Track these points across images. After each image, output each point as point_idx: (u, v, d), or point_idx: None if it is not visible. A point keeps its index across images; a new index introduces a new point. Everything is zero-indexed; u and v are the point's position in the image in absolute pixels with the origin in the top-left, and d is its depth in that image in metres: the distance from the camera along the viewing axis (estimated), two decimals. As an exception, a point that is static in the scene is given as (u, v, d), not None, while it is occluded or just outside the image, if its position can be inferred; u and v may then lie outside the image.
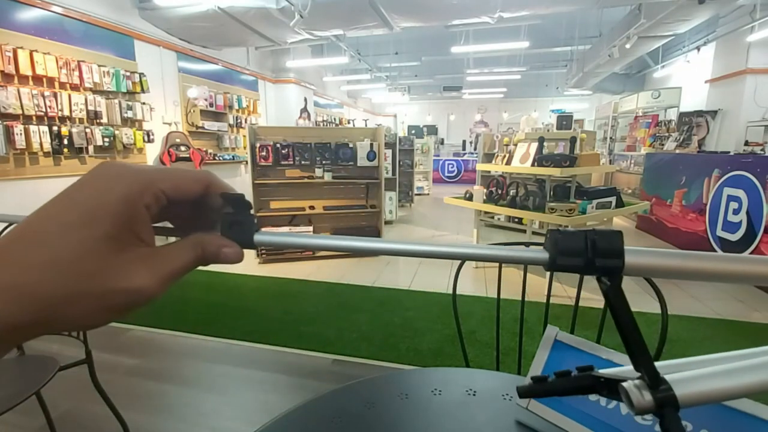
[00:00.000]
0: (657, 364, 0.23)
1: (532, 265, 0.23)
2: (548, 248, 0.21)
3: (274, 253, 3.85)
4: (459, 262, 1.02)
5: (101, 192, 0.21)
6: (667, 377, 0.21)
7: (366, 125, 10.62)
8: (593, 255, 0.21)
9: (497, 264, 1.34)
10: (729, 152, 5.00)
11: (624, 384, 0.22)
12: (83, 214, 0.20)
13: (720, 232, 3.64)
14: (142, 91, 4.61)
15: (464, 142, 13.86)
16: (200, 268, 0.25)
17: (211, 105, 5.79)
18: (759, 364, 0.22)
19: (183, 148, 5.08)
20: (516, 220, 4.91)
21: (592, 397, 0.58)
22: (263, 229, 0.24)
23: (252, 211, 0.24)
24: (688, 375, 0.22)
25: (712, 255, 0.21)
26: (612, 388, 0.23)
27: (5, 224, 1.44)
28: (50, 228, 0.20)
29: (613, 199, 3.27)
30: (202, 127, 5.67)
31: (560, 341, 0.65)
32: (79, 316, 0.20)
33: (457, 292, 1.12)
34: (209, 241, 0.24)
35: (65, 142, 3.76)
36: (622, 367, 0.25)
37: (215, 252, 0.23)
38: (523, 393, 0.25)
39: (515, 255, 0.22)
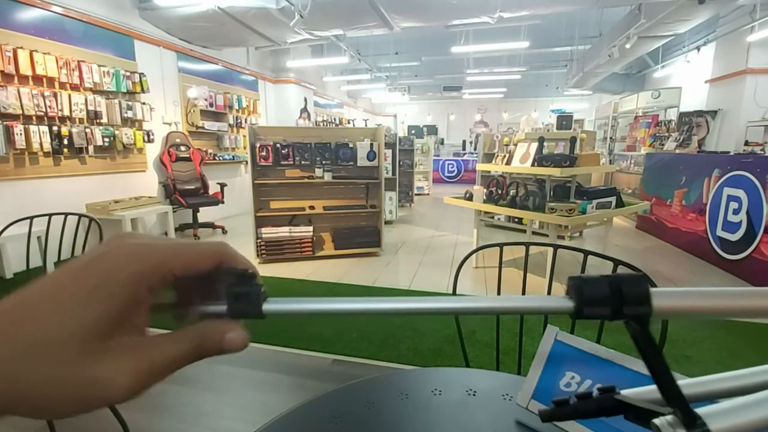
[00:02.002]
0: (681, 383, 0.23)
1: (556, 314, 0.23)
2: (573, 297, 0.21)
3: (274, 252, 3.85)
4: (459, 261, 1.02)
5: (111, 270, 0.19)
6: (700, 411, 0.21)
7: (366, 125, 10.63)
8: (620, 303, 0.20)
9: (497, 264, 1.33)
10: (729, 152, 5.00)
11: (656, 421, 0.21)
12: (88, 291, 0.18)
13: (720, 232, 3.64)
14: (142, 91, 4.61)
15: (464, 142, 13.86)
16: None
17: (211, 105, 5.79)
18: None
19: (183, 148, 5.08)
20: (516, 220, 4.91)
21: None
22: (271, 298, 0.23)
23: (259, 281, 0.24)
24: (722, 408, 0.21)
25: (743, 291, 0.21)
26: (637, 413, 0.23)
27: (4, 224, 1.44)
28: (46, 300, 0.18)
29: (613, 199, 3.27)
30: (202, 127, 5.67)
31: (560, 341, 0.65)
32: (47, 403, 0.18)
33: (457, 292, 1.12)
34: (212, 331, 0.21)
35: (65, 142, 3.76)
36: (643, 388, 0.25)
37: (218, 341, 0.21)
38: (546, 417, 0.25)
39: (538, 306, 0.22)
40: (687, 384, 0.24)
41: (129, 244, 0.20)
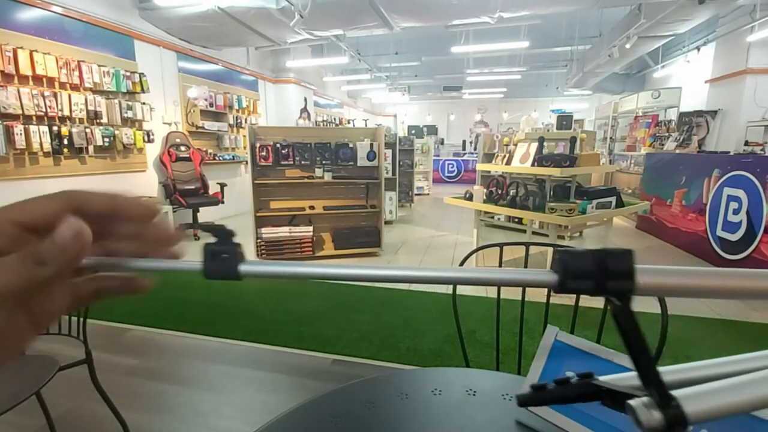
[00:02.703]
0: (662, 369, 0.23)
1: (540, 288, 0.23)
2: (557, 270, 0.21)
3: (274, 252, 3.85)
4: (459, 261, 1.02)
5: None
6: (676, 393, 0.21)
7: (366, 125, 10.63)
8: (604, 277, 0.20)
9: (497, 264, 1.34)
10: (729, 152, 5.00)
11: (632, 402, 0.21)
12: None
13: (720, 232, 3.64)
14: (142, 91, 4.61)
15: (464, 142, 13.86)
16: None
17: (211, 105, 5.79)
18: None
19: (183, 148, 5.08)
20: (516, 220, 4.91)
21: (592, 397, 0.58)
22: (250, 259, 0.23)
23: (236, 240, 0.23)
24: (699, 390, 0.21)
25: (727, 271, 0.21)
26: (614, 398, 0.23)
27: None
28: None
29: (613, 199, 3.27)
30: (202, 127, 5.67)
31: (560, 341, 0.65)
32: None
33: (457, 292, 1.12)
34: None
35: (65, 142, 3.76)
36: (623, 374, 0.25)
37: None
38: (523, 401, 0.25)
39: (523, 278, 0.22)
40: (668, 371, 0.24)
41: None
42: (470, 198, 3.65)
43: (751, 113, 5.93)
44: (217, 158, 6.02)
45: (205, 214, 5.20)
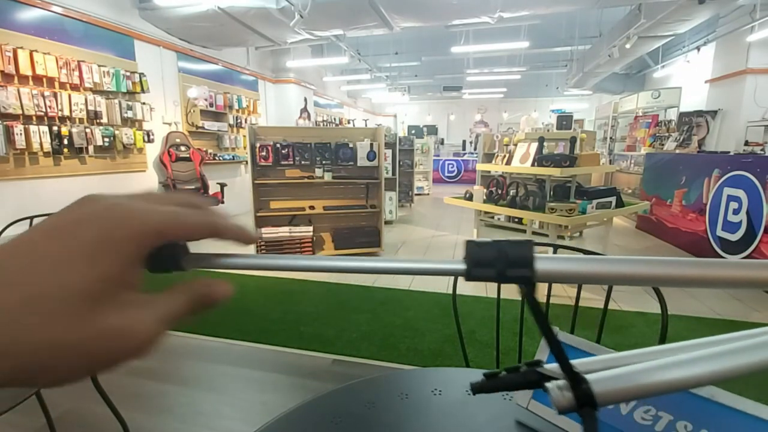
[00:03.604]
0: (585, 360, 0.25)
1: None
2: (466, 259, 0.22)
3: (274, 252, 3.85)
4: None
5: (108, 229, 0.19)
6: (588, 376, 0.23)
7: (366, 125, 10.62)
8: (505, 266, 0.22)
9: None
10: (729, 152, 5.00)
11: (548, 384, 0.23)
12: (83, 249, 0.18)
13: (720, 232, 3.65)
14: (142, 91, 4.61)
15: (464, 142, 13.86)
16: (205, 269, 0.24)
17: (211, 105, 5.79)
18: (680, 361, 0.23)
19: (183, 148, 5.08)
20: (516, 220, 4.91)
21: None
22: (197, 252, 0.24)
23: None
24: (609, 374, 0.23)
25: (620, 259, 0.22)
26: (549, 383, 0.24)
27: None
28: (38, 262, 0.17)
29: (613, 199, 3.28)
30: (202, 127, 5.67)
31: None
32: (57, 366, 0.17)
33: (457, 292, 1.12)
34: (201, 285, 0.23)
35: (65, 142, 3.76)
36: (583, 360, 0.27)
37: (208, 294, 0.23)
38: (476, 389, 0.26)
39: (434, 267, 0.23)
40: (590, 360, 0.26)
41: (122, 204, 0.20)
42: (470, 198, 3.65)
43: (751, 113, 5.93)
44: (217, 158, 6.02)
45: (205, 214, 5.20)
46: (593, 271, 0.22)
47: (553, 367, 0.25)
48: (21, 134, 3.42)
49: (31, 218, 1.42)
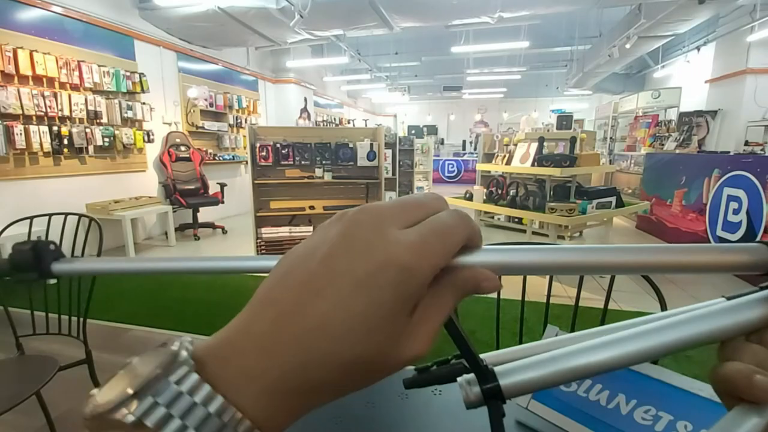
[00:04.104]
0: (495, 353, 0.25)
1: None
2: None
3: (274, 253, 3.84)
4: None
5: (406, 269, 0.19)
6: (496, 369, 0.22)
7: (366, 125, 10.62)
8: None
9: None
10: (729, 152, 5.00)
11: (459, 379, 0.23)
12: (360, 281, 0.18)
13: (720, 232, 3.65)
14: (142, 91, 4.61)
15: (464, 142, 13.86)
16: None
17: (211, 105, 5.79)
18: (589, 347, 0.22)
19: (183, 148, 5.08)
20: (516, 220, 4.91)
21: (592, 397, 0.58)
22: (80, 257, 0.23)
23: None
24: (514, 366, 0.23)
25: (536, 248, 0.21)
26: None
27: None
28: (342, 281, 0.18)
29: (613, 199, 3.28)
30: (202, 127, 5.67)
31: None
32: (351, 384, 0.20)
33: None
34: (465, 277, 0.21)
35: (65, 142, 3.76)
36: (492, 353, 0.27)
37: (474, 285, 0.21)
38: (409, 384, 0.26)
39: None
40: (500, 353, 0.27)
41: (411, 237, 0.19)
42: (470, 198, 3.65)
43: (751, 113, 5.93)
44: (217, 158, 6.02)
45: (205, 214, 5.20)
46: (513, 261, 0.21)
47: (483, 356, 0.25)
48: (21, 134, 3.42)
49: (31, 218, 1.42)
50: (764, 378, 0.19)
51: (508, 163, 3.57)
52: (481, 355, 0.24)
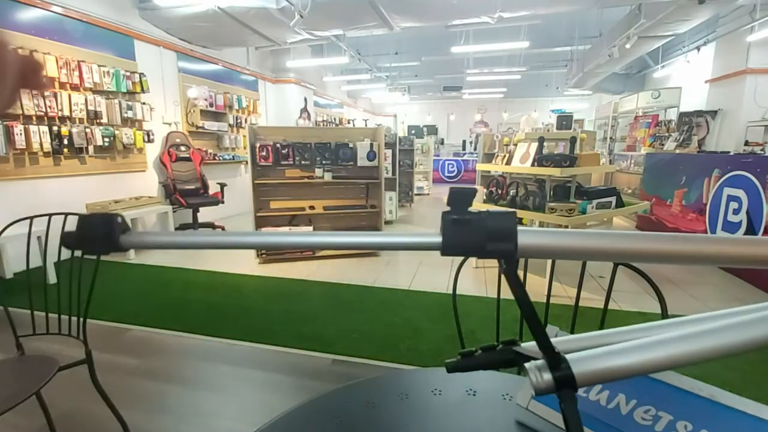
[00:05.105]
0: (566, 338, 0.24)
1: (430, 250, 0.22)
2: (442, 232, 0.20)
3: (274, 252, 3.84)
4: (459, 261, 1.02)
5: None
6: (568, 356, 0.21)
7: (366, 125, 10.62)
8: (485, 238, 0.20)
9: (497, 263, 1.33)
10: (729, 152, 5.00)
11: (527, 365, 0.22)
12: None
13: (720, 232, 3.64)
14: (142, 91, 4.61)
15: (464, 142, 13.86)
16: (200, 267, 0.24)
17: (211, 105, 5.79)
18: (664, 340, 0.21)
19: (183, 148, 5.08)
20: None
21: (593, 397, 0.58)
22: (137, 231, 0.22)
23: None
24: (588, 354, 0.21)
25: (609, 233, 0.21)
26: (527, 362, 0.23)
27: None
28: None
29: (613, 199, 3.27)
30: (202, 127, 5.67)
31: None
32: None
33: (457, 292, 1.12)
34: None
35: (65, 142, 3.76)
36: (565, 338, 0.26)
37: None
38: (452, 368, 0.25)
39: (410, 241, 0.21)
40: (570, 339, 0.25)
41: None
42: (470, 198, 3.64)
43: (751, 113, 5.93)
44: (217, 158, 6.02)
45: (205, 214, 5.20)
46: (581, 245, 0.20)
47: (530, 345, 0.24)
48: (21, 134, 3.42)
49: (31, 218, 1.42)
50: None
51: (508, 163, 3.56)
52: (553, 341, 0.23)
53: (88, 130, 3.96)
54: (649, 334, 0.22)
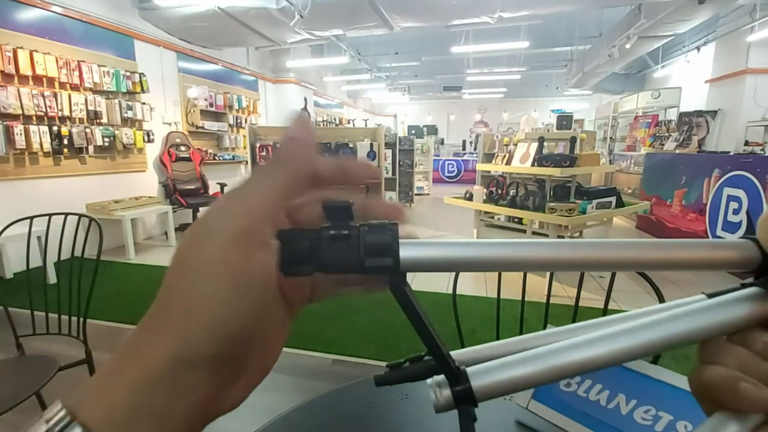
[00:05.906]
0: (466, 350, 0.23)
1: None
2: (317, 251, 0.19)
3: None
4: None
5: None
6: (468, 370, 0.20)
7: (366, 125, 10.62)
8: (364, 254, 0.18)
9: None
10: (729, 152, 5.00)
11: (429, 381, 0.21)
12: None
13: (720, 232, 3.64)
14: (142, 91, 4.61)
15: (464, 142, 13.86)
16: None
17: (211, 105, 5.79)
18: (570, 345, 0.20)
19: (183, 148, 5.08)
20: (516, 220, 4.90)
21: (592, 397, 0.58)
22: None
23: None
24: (487, 366, 0.20)
25: (493, 242, 0.20)
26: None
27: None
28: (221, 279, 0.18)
29: (613, 199, 3.27)
30: (202, 127, 5.67)
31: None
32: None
33: (457, 292, 1.12)
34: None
35: (65, 142, 3.76)
36: (468, 349, 0.25)
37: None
38: (379, 381, 0.24)
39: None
40: (470, 351, 0.24)
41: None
42: (470, 198, 3.65)
43: (751, 113, 5.93)
44: (217, 158, 6.02)
45: (205, 214, 5.20)
46: (469, 256, 0.19)
47: (458, 353, 0.23)
48: (21, 134, 3.41)
49: (31, 218, 1.42)
50: (750, 387, 0.18)
51: (508, 163, 3.56)
52: (453, 353, 0.22)
53: (88, 130, 3.95)
54: (555, 339, 0.21)
